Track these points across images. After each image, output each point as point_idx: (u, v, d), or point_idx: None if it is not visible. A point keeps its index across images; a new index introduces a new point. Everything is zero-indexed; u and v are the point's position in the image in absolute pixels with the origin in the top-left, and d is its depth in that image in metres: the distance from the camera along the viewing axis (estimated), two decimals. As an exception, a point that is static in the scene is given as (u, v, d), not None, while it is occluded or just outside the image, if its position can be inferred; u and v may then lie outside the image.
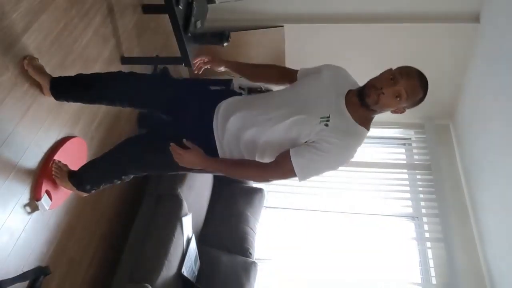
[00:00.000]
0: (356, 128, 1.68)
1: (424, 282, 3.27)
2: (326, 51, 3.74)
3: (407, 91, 1.59)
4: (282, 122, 1.67)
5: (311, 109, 1.67)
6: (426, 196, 3.64)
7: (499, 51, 2.99)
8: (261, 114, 1.73)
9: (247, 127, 1.73)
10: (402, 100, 1.61)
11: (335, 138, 1.60)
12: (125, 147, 1.96)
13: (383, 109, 1.68)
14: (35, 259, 2.06)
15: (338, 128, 1.62)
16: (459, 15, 3.32)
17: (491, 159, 3.09)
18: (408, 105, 1.68)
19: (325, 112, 1.64)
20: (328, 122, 1.61)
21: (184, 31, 2.60)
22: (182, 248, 2.66)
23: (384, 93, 1.60)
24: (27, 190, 1.99)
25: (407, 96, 1.60)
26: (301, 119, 1.65)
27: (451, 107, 3.92)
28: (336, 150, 1.61)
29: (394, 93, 1.60)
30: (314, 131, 1.62)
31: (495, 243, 2.99)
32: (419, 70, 1.65)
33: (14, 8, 1.86)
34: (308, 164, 1.62)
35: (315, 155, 1.60)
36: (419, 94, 1.63)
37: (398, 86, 1.59)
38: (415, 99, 1.65)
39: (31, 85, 1.98)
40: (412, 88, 1.60)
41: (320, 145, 1.60)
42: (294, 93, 1.80)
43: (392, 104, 1.64)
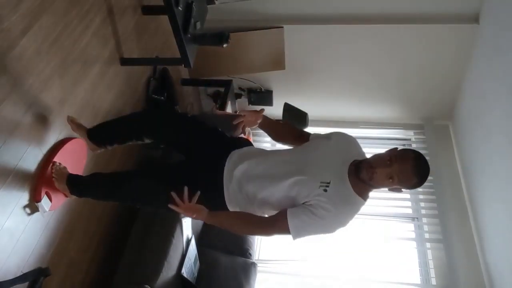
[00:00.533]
0: (353, 198, 1.72)
1: (423, 283, 3.28)
2: (326, 52, 3.75)
3: (399, 176, 1.62)
4: (284, 180, 1.73)
5: (313, 171, 1.73)
6: (426, 197, 3.64)
7: (499, 52, 3.00)
8: (266, 169, 1.80)
9: (251, 178, 1.80)
10: (395, 182, 1.64)
11: (331, 206, 1.66)
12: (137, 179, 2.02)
13: (378, 186, 1.72)
14: (35, 260, 2.06)
15: (336, 196, 1.67)
16: (459, 16, 3.32)
17: (490, 160, 3.09)
18: (404, 187, 1.70)
19: (326, 177, 1.70)
20: (327, 188, 1.67)
21: (184, 32, 2.60)
22: (182, 249, 2.66)
23: (377, 172, 1.65)
24: (26, 192, 1.99)
25: (399, 180, 1.63)
26: (302, 180, 1.71)
27: (451, 108, 3.93)
28: (330, 218, 1.67)
29: (387, 175, 1.64)
30: (312, 194, 1.68)
31: (494, 243, 2.99)
32: (419, 155, 1.66)
33: (14, 10, 1.86)
34: (302, 226, 1.68)
35: (310, 219, 1.67)
36: (412, 179, 1.64)
37: (390, 169, 1.63)
38: (408, 183, 1.67)
39: (31, 86, 1.98)
40: (404, 173, 1.62)
41: (316, 210, 1.66)
42: (301, 153, 1.85)
43: (385, 184, 1.68)
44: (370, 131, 4.20)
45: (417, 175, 1.64)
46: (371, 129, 4.20)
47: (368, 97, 4.03)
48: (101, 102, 2.60)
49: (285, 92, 4.06)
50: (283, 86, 4.07)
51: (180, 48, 2.65)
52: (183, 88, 3.84)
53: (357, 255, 3.40)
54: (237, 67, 3.93)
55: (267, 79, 4.04)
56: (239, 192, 1.83)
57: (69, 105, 2.28)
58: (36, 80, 2.02)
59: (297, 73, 3.91)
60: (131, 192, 2.04)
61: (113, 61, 2.72)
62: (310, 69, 3.90)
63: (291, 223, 1.68)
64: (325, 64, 3.85)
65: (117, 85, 2.78)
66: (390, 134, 4.23)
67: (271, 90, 4.11)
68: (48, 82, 2.10)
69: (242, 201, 1.84)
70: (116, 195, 2.11)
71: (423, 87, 3.85)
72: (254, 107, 4.27)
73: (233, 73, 3.97)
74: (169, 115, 2.19)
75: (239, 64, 3.91)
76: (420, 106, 4.02)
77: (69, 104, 2.28)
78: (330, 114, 4.21)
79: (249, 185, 1.80)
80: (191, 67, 2.77)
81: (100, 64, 2.57)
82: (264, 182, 1.78)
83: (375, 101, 4.05)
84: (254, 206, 1.84)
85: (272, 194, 1.78)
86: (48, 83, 2.10)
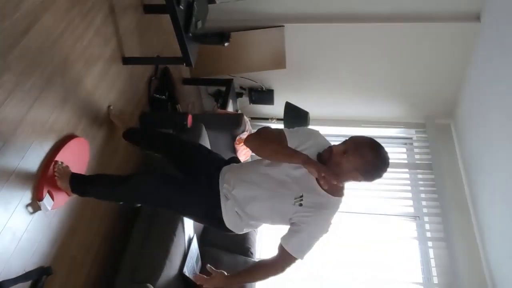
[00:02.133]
0: (328, 200, 1.83)
1: (425, 281, 3.28)
2: (327, 51, 3.75)
3: (352, 149, 1.73)
4: (260, 202, 1.90)
5: (286, 191, 1.85)
6: (428, 196, 3.64)
7: (500, 50, 2.99)
8: (243, 189, 1.94)
9: (233, 196, 1.95)
10: (348, 155, 1.73)
11: (310, 215, 1.81)
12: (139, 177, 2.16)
13: (338, 169, 1.75)
14: (38, 259, 2.06)
15: (312, 205, 1.81)
16: (460, 14, 3.32)
17: (492, 159, 3.09)
18: (362, 170, 1.74)
19: (298, 192, 1.83)
20: (301, 202, 1.81)
21: (185, 31, 2.60)
22: (184, 248, 2.66)
23: (333, 150, 1.78)
24: (29, 190, 1.99)
25: (353, 154, 1.72)
26: (278, 202, 1.86)
27: (452, 107, 3.93)
28: (313, 225, 1.83)
29: (342, 150, 1.76)
30: (291, 212, 1.84)
31: (496, 242, 2.99)
32: (374, 140, 1.79)
33: (16, 9, 1.86)
34: (298, 245, 1.86)
35: (300, 237, 1.84)
36: (367, 155, 1.72)
37: (344, 145, 1.77)
38: (364, 161, 1.72)
39: (33, 85, 1.99)
40: (357, 147, 1.73)
41: (300, 227, 1.84)
42: (270, 174, 1.92)
43: (342, 162, 1.74)
44: (372, 130, 4.20)
45: (371, 147, 1.74)
46: (372, 128, 4.20)
47: (370, 96, 4.02)
48: (102, 101, 2.60)
49: (286, 91, 4.07)
50: (284, 85, 4.07)
51: (181, 47, 2.65)
52: (184, 87, 3.85)
53: (359, 254, 3.40)
54: (238, 66, 3.93)
55: (268, 78, 4.04)
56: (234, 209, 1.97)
57: (71, 103, 2.28)
58: (38, 79, 2.02)
59: (298, 72, 3.91)
60: (133, 189, 2.10)
61: (114, 60, 2.72)
62: (311, 68, 3.90)
63: (290, 249, 1.85)
64: (326, 63, 3.85)
65: (119, 84, 2.78)
66: (391, 133, 4.23)
67: (272, 89, 4.11)
68: (50, 81, 2.09)
69: (237, 217, 1.98)
70: (117, 193, 2.15)
71: (424, 86, 3.85)
72: (255, 106, 4.28)
73: (234, 72, 3.98)
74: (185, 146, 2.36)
75: (240, 63, 3.91)
76: (421, 104, 4.02)
77: (71, 102, 2.28)
78: (331, 113, 4.22)
79: (235, 202, 1.95)
80: (192, 66, 2.77)
81: (101, 63, 2.57)
82: (244, 203, 1.93)
83: (377, 100, 4.05)
84: (248, 221, 1.99)
85: (256, 213, 1.95)
86: (50, 82, 2.09)
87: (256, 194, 1.91)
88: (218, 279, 2.03)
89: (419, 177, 3.80)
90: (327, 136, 1.99)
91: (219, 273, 2.04)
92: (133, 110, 2.98)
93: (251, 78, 4.04)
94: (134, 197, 2.15)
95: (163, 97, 3.26)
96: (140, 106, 3.08)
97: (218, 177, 2.04)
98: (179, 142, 2.37)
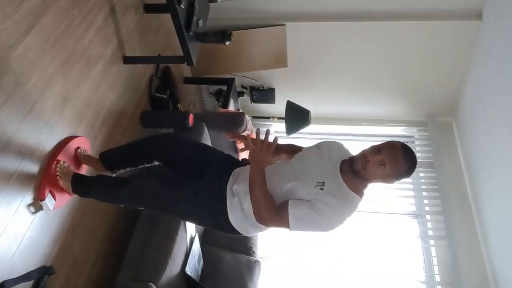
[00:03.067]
0: (349, 194, 1.79)
1: (428, 279, 3.27)
2: (328, 50, 3.74)
3: (390, 160, 1.71)
4: (281, 186, 1.83)
5: (309, 175, 1.83)
6: (429, 194, 3.64)
7: (502, 48, 2.99)
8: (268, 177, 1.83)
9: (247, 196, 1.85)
10: (386, 167, 1.72)
11: (331, 200, 1.74)
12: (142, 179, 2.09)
13: (371, 176, 1.78)
14: (39, 258, 2.06)
15: (333, 193, 1.76)
16: (462, 12, 3.32)
17: (494, 156, 3.09)
18: (395, 176, 1.77)
19: (321, 178, 1.80)
20: (323, 187, 1.77)
21: (186, 30, 2.60)
22: (186, 247, 2.66)
23: (370, 160, 1.74)
24: (31, 190, 2.00)
25: (390, 165, 1.71)
26: (299, 184, 1.81)
27: (454, 105, 3.92)
28: (330, 212, 1.74)
29: (379, 161, 1.72)
30: (311, 193, 1.76)
31: (498, 240, 2.99)
32: (405, 144, 1.77)
33: (17, 9, 1.86)
34: (301, 216, 1.75)
35: (310, 211, 1.74)
36: (402, 164, 1.72)
37: (381, 155, 1.72)
38: (399, 169, 1.73)
39: (34, 86, 1.99)
40: (394, 157, 1.71)
41: (317, 204, 1.74)
42: (295, 162, 1.95)
43: (377, 171, 1.74)
44: (373, 129, 4.20)
45: (407, 159, 1.72)
46: (374, 126, 4.19)
47: (371, 94, 4.02)
48: (104, 100, 2.60)
49: (288, 89, 4.06)
50: (286, 84, 4.07)
51: (182, 46, 2.65)
52: (186, 86, 3.85)
53: (361, 252, 3.40)
54: (239, 65, 3.93)
55: (269, 77, 4.04)
56: (240, 208, 1.91)
57: (72, 103, 2.28)
58: (39, 79, 2.02)
59: (299, 70, 3.91)
60: (134, 191, 2.08)
61: (115, 60, 2.72)
62: (313, 67, 3.89)
63: (291, 212, 1.74)
64: (327, 61, 3.85)
65: (120, 83, 2.78)
66: (393, 131, 4.22)
67: (274, 88, 4.11)
68: (51, 81, 2.10)
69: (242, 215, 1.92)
70: (119, 195, 2.14)
71: (425, 84, 3.84)
72: (256, 105, 4.27)
73: (235, 71, 3.98)
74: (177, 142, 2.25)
75: (241, 62, 3.91)
76: (423, 103, 4.02)
77: (72, 102, 2.28)
78: (333, 112, 4.21)
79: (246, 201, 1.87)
80: (193, 65, 2.77)
81: (102, 63, 2.57)
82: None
83: (378, 98, 4.04)
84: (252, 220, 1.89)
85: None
86: (51, 82, 2.10)
87: (274, 183, 1.82)
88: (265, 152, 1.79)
89: (420, 176, 3.80)
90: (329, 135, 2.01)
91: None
92: (134, 109, 2.98)
93: (252, 77, 4.03)
94: (135, 199, 2.12)
95: (164, 96, 3.26)
96: (141, 106, 3.08)
97: (227, 177, 2.00)
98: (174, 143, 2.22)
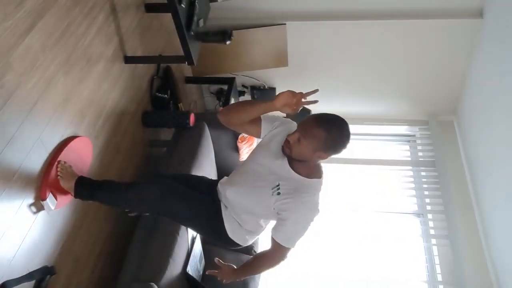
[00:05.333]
0: (306, 183, 1.85)
1: (430, 279, 3.27)
2: (328, 49, 3.74)
3: (305, 133, 1.75)
4: (245, 199, 1.95)
5: (262, 182, 1.88)
6: (431, 193, 3.64)
7: (503, 46, 2.98)
8: (231, 193, 1.99)
9: (227, 203, 2.02)
10: (305, 141, 1.75)
11: (289, 201, 1.80)
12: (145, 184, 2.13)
13: (302, 156, 1.82)
14: (41, 259, 2.06)
15: (289, 191, 1.82)
16: (463, 11, 3.31)
17: (495, 155, 3.08)
18: (323, 147, 1.77)
19: (274, 182, 1.85)
20: (279, 190, 1.82)
21: (187, 30, 2.60)
22: (187, 247, 2.65)
23: (290, 141, 1.79)
24: (32, 190, 1.99)
25: (308, 137, 1.75)
26: (258, 195, 1.89)
27: (455, 103, 3.91)
28: (294, 211, 1.81)
29: (296, 139, 1.77)
30: (272, 203, 1.84)
31: (500, 239, 2.98)
32: (318, 114, 1.83)
33: (18, 8, 1.86)
34: (285, 235, 1.86)
35: (285, 225, 1.83)
36: (319, 132, 1.74)
37: (296, 133, 1.79)
38: (319, 138, 1.74)
39: (36, 84, 1.98)
40: (308, 129, 1.75)
41: (283, 216, 1.83)
42: (247, 170, 2.01)
43: (302, 149, 1.78)
44: (375, 128, 4.19)
45: (321, 126, 1.74)
46: (375, 125, 4.18)
47: (372, 94, 4.01)
48: (105, 100, 2.60)
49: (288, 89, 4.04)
50: (286, 83, 4.04)
51: (183, 46, 2.65)
52: (187, 86, 3.84)
53: (363, 252, 3.39)
54: (240, 64, 3.92)
55: (270, 76, 4.03)
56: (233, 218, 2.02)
57: (73, 103, 2.27)
58: (40, 79, 2.01)
59: (300, 69, 3.91)
60: (137, 195, 2.11)
61: (116, 59, 2.71)
62: (313, 66, 3.89)
63: (279, 240, 1.85)
64: (328, 60, 3.84)
65: (121, 83, 2.77)
66: (394, 130, 4.22)
67: (274, 87, 4.11)
68: (52, 80, 2.09)
69: (237, 225, 2.03)
70: (122, 198, 2.16)
71: (427, 83, 3.84)
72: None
73: (236, 71, 3.97)
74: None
75: (242, 62, 3.90)
76: (424, 102, 4.01)
77: (73, 102, 2.27)
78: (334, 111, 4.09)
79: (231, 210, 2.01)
80: (194, 65, 2.77)
81: (103, 62, 2.56)
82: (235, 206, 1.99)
83: (379, 97, 4.04)
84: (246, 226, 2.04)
85: (246, 212, 1.99)
86: (52, 81, 2.09)
87: (239, 192, 1.96)
88: (227, 271, 2.06)
89: (422, 175, 3.79)
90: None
91: (228, 266, 2.07)
92: (135, 109, 2.98)
93: (253, 76, 4.03)
94: (138, 203, 2.15)
95: (165, 96, 3.25)
96: (142, 105, 3.08)
97: (217, 189, 2.09)
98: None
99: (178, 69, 3.59)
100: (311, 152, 1.78)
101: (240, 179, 2.01)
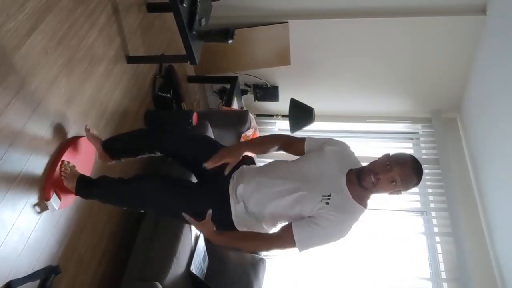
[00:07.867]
0: (354, 206, 1.81)
1: (433, 276, 3.26)
2: (331, 47, 3.73)
3: (402, 178, 1.73)
4: (285, 197, 1.83)
5: (314, 186, 1.82)
6: (435, 191, 3.62)
7: (506, 43, 2.96)
8: (267, 186, 1.88)
9: (253, 197, 1.89)
10: (397, 185, 1.74)
11: (333, 216, 1.75)
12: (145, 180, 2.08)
13: (381, 192, 1.81)
14: (46, 258, 2.07)
15: (338, 206, 1.77)
16: (466, 7, 3.29)
17: (499, 152, 3.07)
18: (404, 189, 1.79)
19: (326, 191, 1.80)
20: (329, 201, 1.77)
21: (189, 29, 2.60)
22: (191, 246, 2.66)
23: (381, 178, 1.75)
24: (36, 190, 2.01)
25: (402, 182, 1.73)
26: (303, 196, 1.80)
27: (458, 101, 3.90)
28: (333, 226, 1.77)
29: (390, 178, 1.74)
30: (315, 208, 1.78)
31: (504, 236, 2.97)
32: (413, 157, 1.81)
33: (20, 10, 1.87)
34: (308, 237, 1.78)
35: (315, 230, 1.77)
36: (413, 180, 1.76)
37: (393, 173, 1.73)
38: (410, 184, 1.76)
39: (38, 86, 2.00)
40: (406, 175, 1.73)
41: (320, 221, 1.76)
42: (298, 168, 1.92)
43: (388, 189, 1.78)
44: (378, 126, 4.18)
45: (417, 174, 1.75)
46: (378, 123, 4.17)
47: (375, 92, 4.00)
48: (108, 100, 2.61)
49: (291, 87, 4.06)
50: (289, 82, 4.06)
51: (185, 45, 2.65)
52: (189, 85, 3.85)
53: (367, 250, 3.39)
54: (242, 63, 3.92)
55: (272, 74, 4.03)
56: (246, 212, 1.91)
57: (76, 103, 2.29)
58: (43, 79, 2.03)
59: (303, 68, 3.90)
60: (135, 191, 2.08)
61: (119, 59, 2.72)
62: (316, 64, 3.88)
63: (297, 237, 1.77)
64: (330, 59, 3.83)
65: (124, 83, 2.78)
66: (397, 128, 4.21)
67: (277, 86, 4.10)
68: (55, 81, 2.11)
69: (250, 220, 1.92)
70: (119, 194, 2.14)
71: (430, 80, 3.82)
72: (260, 103, 4.27)
73: (239, 70, 3.97)
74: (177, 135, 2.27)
75: (245, 60, 3.90)
76: (427, 99, 3.99)
77: (76, 102, 2.29)
78: (337, 109, 4.20)
79: (251, 203, 1.90)
80: (196, 64, 2.77)
81: (106, 62, 2.57)
82: (267, 200, 1.86)
83: (382, 95, 4.03)
84: (263, 223, 1.92)
85: (275, 211, 1.86)
86: (55, 82, 2.11)
87: (282, 189, 1.85)
88: (208, 227, 1.86)
89: (425, 172, 3.76)
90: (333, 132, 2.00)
91: (212, 224, 1.86)
92: (138, 108, 2.99)
93: (255, 75, 4.03)
94: (136, 199, 2.10)
95: (168, 95, 3.26)
96: (145, 105, 3.09)
97: (227, 182, 1.97)
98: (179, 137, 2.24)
99: (180, 68, 3.60)
100: (394, 191, 1.79)
101: (289, 175, 1.89)
